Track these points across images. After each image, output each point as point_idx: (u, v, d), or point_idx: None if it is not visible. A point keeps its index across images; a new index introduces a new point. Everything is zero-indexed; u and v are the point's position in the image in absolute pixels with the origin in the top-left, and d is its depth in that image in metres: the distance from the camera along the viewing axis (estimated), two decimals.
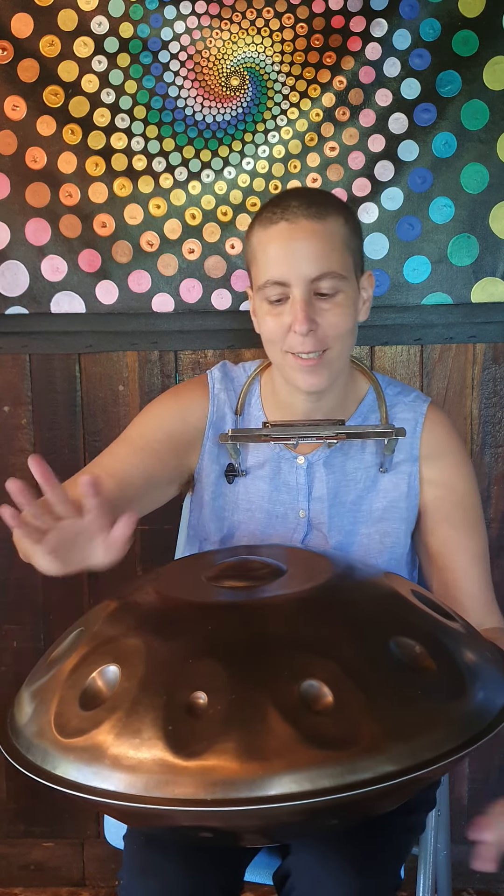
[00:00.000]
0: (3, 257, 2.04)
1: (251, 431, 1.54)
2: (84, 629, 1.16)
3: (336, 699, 0.96)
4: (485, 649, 1.16)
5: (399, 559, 1.56)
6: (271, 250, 1.43)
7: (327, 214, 1.43)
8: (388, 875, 1.27)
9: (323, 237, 1.42)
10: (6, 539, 2.14)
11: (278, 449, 1.56)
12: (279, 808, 0.91)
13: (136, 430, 1.58)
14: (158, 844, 1.25)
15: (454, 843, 1.82)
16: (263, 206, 1.48)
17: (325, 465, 1.55)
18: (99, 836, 2.25)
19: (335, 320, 1.43)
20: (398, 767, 0.94)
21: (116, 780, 0.96)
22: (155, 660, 1.03)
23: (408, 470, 1.54)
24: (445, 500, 1.54)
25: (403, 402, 1.57)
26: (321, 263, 1.41)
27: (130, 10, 1.96)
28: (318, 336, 1.43)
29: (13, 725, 1.13)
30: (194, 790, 0.92)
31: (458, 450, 1.57)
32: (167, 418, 1.59)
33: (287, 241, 1.42)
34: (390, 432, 1.50)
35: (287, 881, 1.24)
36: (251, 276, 1.51)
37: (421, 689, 1.01)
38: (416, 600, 1.16)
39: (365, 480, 1.56)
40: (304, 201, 1.43)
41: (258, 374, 1.62)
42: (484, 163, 1.98)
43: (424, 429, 1.55)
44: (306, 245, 1.41)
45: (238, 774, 0.92)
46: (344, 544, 1.55)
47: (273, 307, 1.45)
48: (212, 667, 0.99)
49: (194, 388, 1.62)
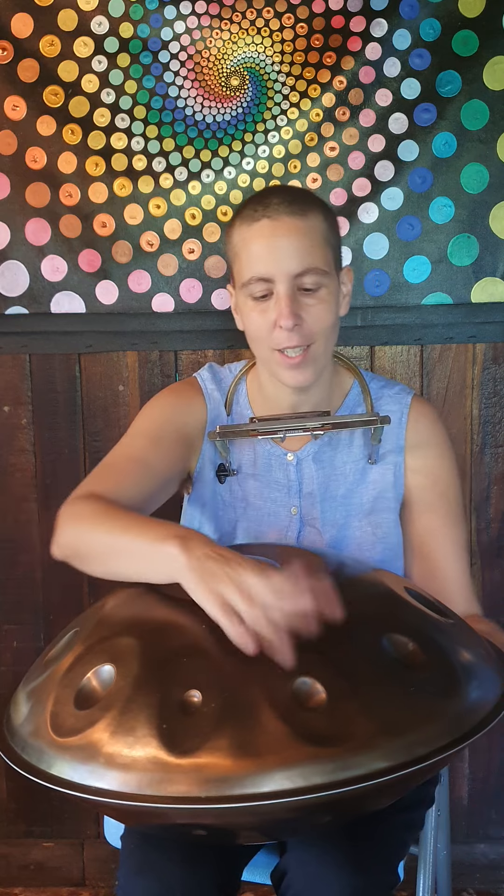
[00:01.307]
0: (3, 257, 2.05)
1: (239, 427, 1.55)
2: (79, 629, 1.17)
3: (329, 696, 0.96)
4: (478, 645, 1.16)
5: (393, 549, 1.58)
6: (254, 247, 1.45)
7: (308, 211, 1.45)
8: (385, 872, 1.26)
9: (305, 233, 1.44)
10: (6, 539, 2.16)
11: (268, 446, 1.57)
12: (272, 805, 0.91)
13: (145, 425, 1.57)
14: (156, 844, 1.25)
15: (454, 842, 1.82)
16: (243, 204, 1.50)
17: (314, 461, 1.56)
18: (99, 836, 2.25)
19: (319, 315, 1.46)
20: (391, 763, 0.94)
21: (111, 778, 0.96)
22: (149, 658, 1.03)
23: (394, 460, 1.56)
24: (429, 490, 1.56)
25: (388, 394, 1.60)
26: (304, 259, 1.43)
27: (130, 10, 1.97)
28: (303, 331, 1.45)
29: (10, 725, 1.14)
30: (188, 788, 0.92)
31: (443, 441, 1.59)
32: (173, 413, 1.59)
33: (270, 237, 1.44)
34: (375, 420, 1.51)
35: (284, 879, 1.24)
36: (233, 273, 1.52)
37: (414, 685, 1.01)
38: (408, 597, 1.16)
39: (354, 473, 1.57)
40: (285, 198, 1.45)
41: (244, 373, 1.64)
42: (484, 163, 1.98)
43: (409, 419, 1.57)
44: (289, 241, 1.43)
45: (231, 771, 0.92)
46: (338, 538, 1.56)
47: (257, 303, 1.47)
48: (205, 665, 1.00)
49: (190, 388, 1.63)
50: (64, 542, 1.35)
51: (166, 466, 1.52)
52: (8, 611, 2.19)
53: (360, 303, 2.02)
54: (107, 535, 1.28)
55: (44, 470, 2.13)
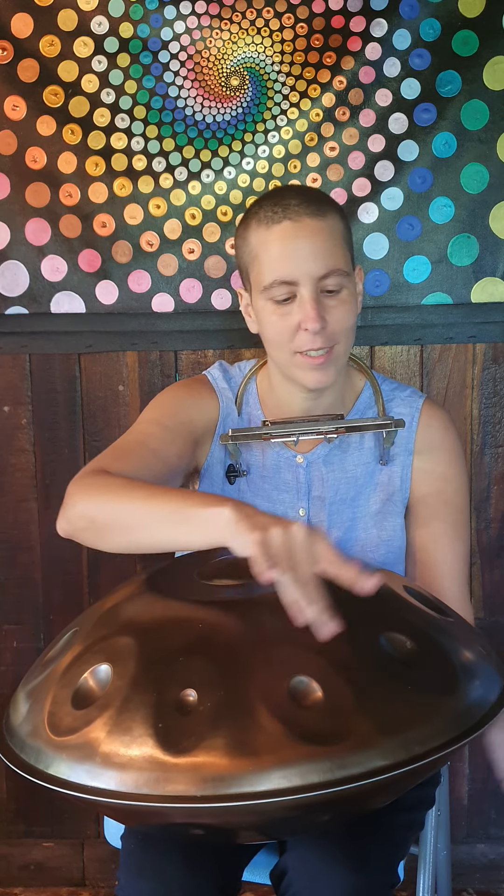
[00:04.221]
0: (3, 257, 2.05)
1: (251, 430, 1.54)
2: (78, 629, 1.17)
3: (326, 694, 0.96)
4: (477, 644, 1.16)
5: (396, 552, 1.57)
6: (275, 249, 1.43)
7: (327, 212, 1.44)
8: (385, 871, 1.26)
9: (326, 235, 1.43)
10: (6, 539, 2.16)
11: (278, 448, 1.57)
12: (269, 804, 0.91)
13: (156, 413, 1.54)
14: (156, 844, 1.25)
15: (454, 843, 1.81)
16: (258, 206, 1.48)
17: (324, 464, 1.56)
18: (99, 836, 2.25)
19: (341, 316, 1.45)
20: (389, 762, 0.94)
21: (108, 777, 0.97)
22: (146, 658, 1.03)
23: (402, 463, 1.56)
24: (437, 496, 1.55)
25: (399, 397, 1.59)
26: (327, 261, 1.43)
27: (130, 10, 1.97)
28: (326, 333, 1.44)
29: (9, 725, 1.14)
30: (185, 787, 0.92)
31: (454, 447, 1.58)
32: (184, 406, 1.57)
33: (292, 239, 1.42)
34: (389, 423, 1.51)
35: (284, 878, 1.24)
36: (250, 276, 1.50)
37: (412, 684, 1.01)
38: (407, 595, 1.16)
39: (364, 476, 1.57)
40: (303, 199, 1.44)
41: (254, 373, 1.63)
42: (484, 163, 1.98)
43: (420, 423, 1.56)
44: (311, 244, 1.42)
45: (228, 770, 0.92)
46: (343, 540, 1.55)
47: (279, 307, 1.45)
48: (202, 664, 1.00)
49: (201, 385, 1.62)
50: (77, 513, 1.30)
51: (175, 456, 1.49)
52: (8, 611, 2.19)
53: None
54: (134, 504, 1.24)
55: (44, 470, 2.13)
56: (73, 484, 1.33)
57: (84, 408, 2.11)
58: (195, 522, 1.16)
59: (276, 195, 1.48)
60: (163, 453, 1.46)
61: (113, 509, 1.26)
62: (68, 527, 1.31)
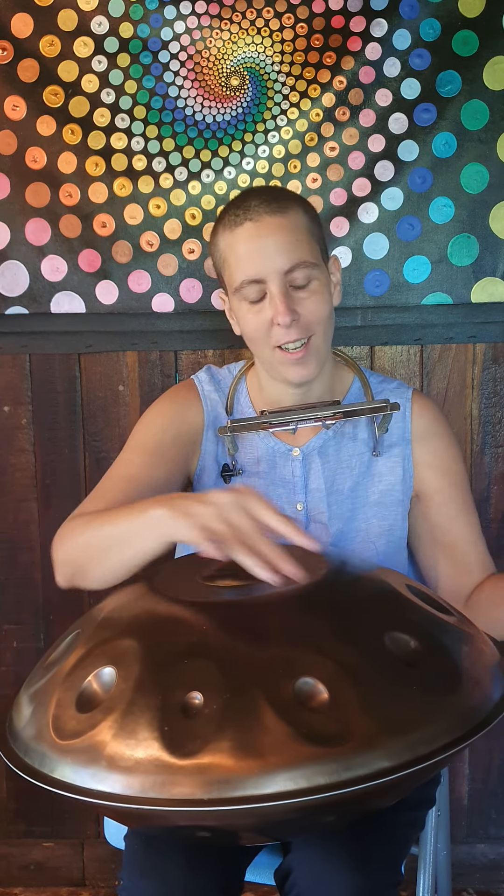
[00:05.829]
0: (3, 257, 2.04)
1: (250, 420, 1.56)
2: (81, 631, 1.16)
3: (331, 696, 0.96)
4: (481, 643, 1.16)
5: (396, 542, 1.60)
6: (241, 250, 1.48)
7: (287, 207, 1.48)
8: (389, 870, 1.27)
9: (288, 230, 1.47)
10: (6, 539, 2.16)
11: (272, 443, 1.58)
12: (275, 806, 0.91)
13: (143, 437, 1.59)
14: (159, 845, 1.25)
15: (454, 843, 1.82)
16: (224, 211, 1.53)
17: (319, 455, 1.58)
18: (99, 837, 2.25)
19: (314, 307, 1.48)
20: (394, 763, 0.94)
21: (113, 781, 0.96)
22: (150, 660, 1.03)
23: (401, 453, 1.58)
24: (445, 483, 1.59)
25: (388, 388, 1.62)
26: (291, 255, 1.46)
27: (130, 10, 1.96)
28: (300, 324, 1.47)
29: (12, 728, 1.13)
30: (191, 790, 0.92)
31: (448, 432, 1.62)
32: (169, 421, 1.60)
33: (255, 238, 1.47)
34: (385, 406, 1.54)
35: (288, 878, 1.24)
36: (224, 280, 1.55)
37: (416, 684, 1.01)
38: (410, 595, 1.16)
39: (360, 466, 1.59)
40: (262, 199, 1.48)
41: (243, 373, 1.65)
42: (484, 163, 1.98)
43: (413, 412, 1.60)
44: (274, 240, 1.46)
45: (234, 773, 0.91)
46: (343, 531, 1.57)
47: (253, 306, 1.49)
48: (206, 666, 0.99)
49: (186, 391, 1.65)
50: (62, 560, 1.39)
51: (164, 478, 1.53)
52: (8, 611, 2.19)
53: (360, 303, 2.03)
54: (97, 532, 1.32)
55: (44, 470, 2.13)
56: (54, 539, 1.41)
57: (84, 408, 2.11)
58: (143, 530, 1.24)
59: (239, 199, 1.52)
60: (147, 480, 1.51)
61: (83, 545, 1.35)
62: (62, 579, 1.41)
